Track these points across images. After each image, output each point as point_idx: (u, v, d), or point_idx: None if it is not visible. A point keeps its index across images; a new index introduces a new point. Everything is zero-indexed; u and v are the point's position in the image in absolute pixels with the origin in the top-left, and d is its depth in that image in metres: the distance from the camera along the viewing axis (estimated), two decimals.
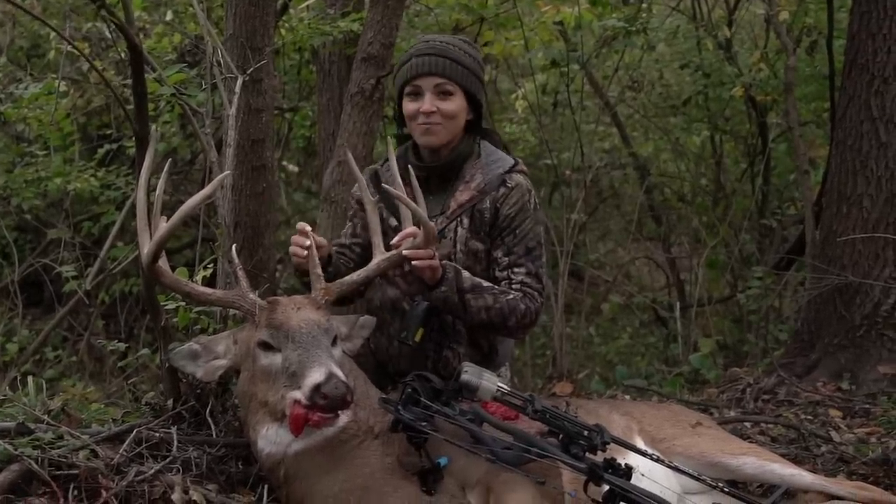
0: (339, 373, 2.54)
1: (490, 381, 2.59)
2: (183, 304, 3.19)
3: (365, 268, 2.92)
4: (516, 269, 3.14)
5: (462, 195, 3.17)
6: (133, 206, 6.13)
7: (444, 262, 2.99)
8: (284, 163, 8.18)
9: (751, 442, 3.56)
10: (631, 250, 8.56)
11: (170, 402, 3.19)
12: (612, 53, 6.99)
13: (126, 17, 3.36)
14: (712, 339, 6.11)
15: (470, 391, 2.59)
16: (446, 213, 3.17)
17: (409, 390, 2.59)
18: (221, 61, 3.52)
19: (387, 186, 2.95)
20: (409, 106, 3.19)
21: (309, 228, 2.93)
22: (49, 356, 5.72)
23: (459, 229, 3.16)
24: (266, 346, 2.65)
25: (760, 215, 7.24)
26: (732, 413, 4.33)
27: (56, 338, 6.31)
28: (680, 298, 7.16)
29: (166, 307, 3.29)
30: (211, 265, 3.41)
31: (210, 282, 3.51)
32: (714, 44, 6.97)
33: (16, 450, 2.61)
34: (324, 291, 2.80)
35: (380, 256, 2.93)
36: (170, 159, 3.45)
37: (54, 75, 5.10)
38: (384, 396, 2.66)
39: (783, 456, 3.17)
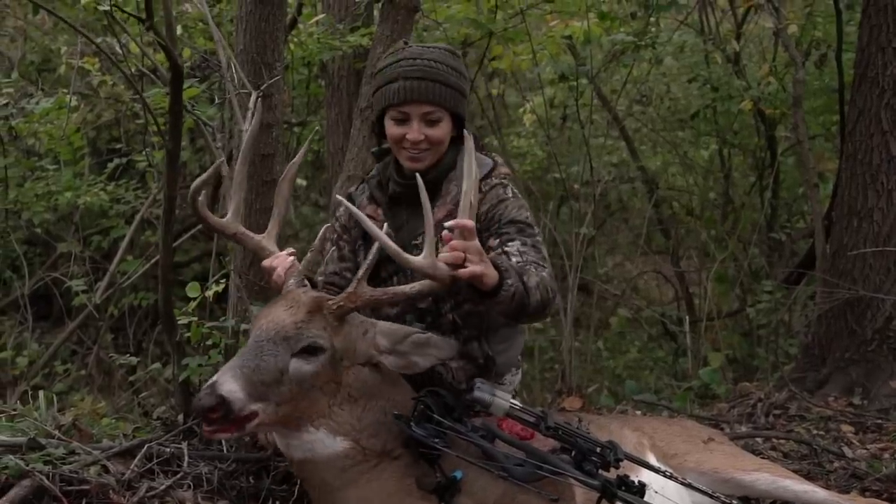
0: (227, 386, 2.33)
1: (503, 398, 2.55)
2: (196, 318, 3.19)
3: (409, 285, 2.66)
4: (510, 244, 2.89)
5: (438, 212, 2.94)
6: (142, 220, 6.21)
7: (490, 255, 2.71)
8: None
9: (763, 458, 3.54)
10: (639, 264, 8.54)
11: (181, 416, 3.19)
12: (621, 67, 6.99)
13: (168, 37, 3.34)
14: (722, 353, 6.07)
15: (482, 407, 2.56)
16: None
17: (422, 406, 2.58)
18: (235, 76, 3.53)
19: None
20: (393, 130, 2.99)
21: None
22: (58, 370, 5.73)
23: (440, 244, 2.98)
24: None
25: (769, 229, 7.22)
26: (743, 428, 4.30)
27: (65, 351, 6.32)
28: (689, 312, 7.13)
29: (179, 322, 3.31)
30: (223, 280, 3.43)
31: (222, 296, 3.52)
32: (722, 57, 6.95)
33: (27, 465, 2.62)
34: (346, 296, 2.57)
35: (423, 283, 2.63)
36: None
37: (65, 90, 5.13)
38: (396, 413, 2.59)
39: (795, 472, 3.16)
